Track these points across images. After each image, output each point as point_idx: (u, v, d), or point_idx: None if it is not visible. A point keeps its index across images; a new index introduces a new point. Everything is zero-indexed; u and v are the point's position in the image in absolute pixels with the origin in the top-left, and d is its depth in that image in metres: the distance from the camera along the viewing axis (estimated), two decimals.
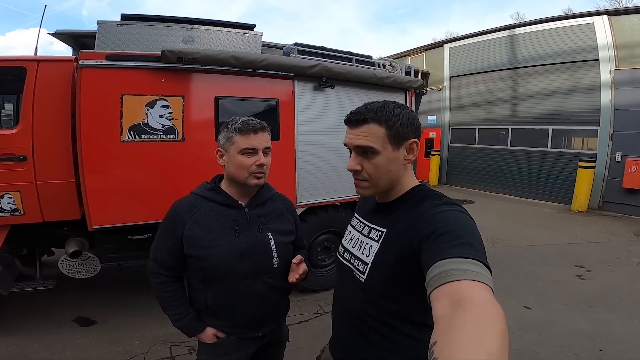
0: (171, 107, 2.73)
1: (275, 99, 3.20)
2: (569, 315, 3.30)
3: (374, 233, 0.99)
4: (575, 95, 8.27)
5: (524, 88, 9.35)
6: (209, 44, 3.15)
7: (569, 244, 5.50)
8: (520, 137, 9.38)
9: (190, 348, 2.82)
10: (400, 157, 0.95)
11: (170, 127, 2.75)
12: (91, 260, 2.92)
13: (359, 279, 0.98)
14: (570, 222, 6.91)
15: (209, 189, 1.32)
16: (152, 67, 2.67)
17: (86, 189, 2.54)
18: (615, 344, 2.83)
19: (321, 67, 3.26)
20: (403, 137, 0.93)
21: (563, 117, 8.48)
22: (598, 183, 7.72)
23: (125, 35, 2.90)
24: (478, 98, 10.46)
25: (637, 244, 5.57)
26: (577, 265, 4.60)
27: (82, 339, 2.91)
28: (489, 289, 0.64)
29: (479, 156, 10.40)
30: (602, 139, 7.78)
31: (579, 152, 8.20)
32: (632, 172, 7.14)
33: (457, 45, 11.02)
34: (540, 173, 8.88)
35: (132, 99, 2.59)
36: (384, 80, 3.70)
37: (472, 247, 0.73)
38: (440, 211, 0.86)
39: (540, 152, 8.92)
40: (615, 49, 7.60)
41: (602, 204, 7.76)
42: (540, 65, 8.88)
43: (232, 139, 1.25)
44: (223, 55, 2.79)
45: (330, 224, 3.74)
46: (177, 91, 2.76)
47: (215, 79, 2.93)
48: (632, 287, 3.92)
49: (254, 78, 3.11)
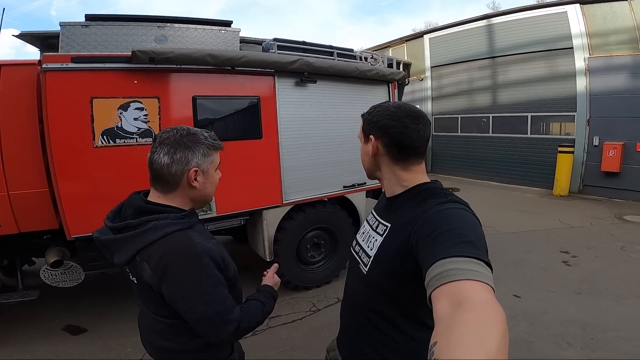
0: (146, 109, 2.61)
1: (257, 96, 3.10)
2: (559, 303, 3.35)
3: (380, 227, 1.02)
4: (552, 82, 8.41)
5: (503, 76, 9.46)
6: (184, 43, 3.01)
7: (553, 229, 5.61)
8: (500, 125, 9.52)
9: None
10: (368, 150, 1.04)
11: (147, 129, 2.63)
12: (74, 269, 2.81)
13: (362, 271, 1.01)
14: (553, 206, 7.06)
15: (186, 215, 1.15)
16: (123, 69, 2.53)
17: (61, 197, 2.40)
18: (606, 332, 2.87)
19: (302, 63, 3.17)
20: (366, 132, 1.06)
21: (541, 103, 8.62)
22: (577, 167, 7.90)
23: (91, 36, 2.74)
24: (459, 87, 10.54)
25: (619, 227, 5.72)
26: (562, 251, 4.69)
27: (74, 347, 2.83)
28: (490, 288, 0.64)
29: (462, 144, 10.51)
30: (580, 124, 7.95)
31: (557, 138, 8.37)
32: (610, 156, 7.33)
33: (436, 35, 11.04)
34: (521, 159, 9.05)
35: (103, 102, 2.46)
36: (366, 73, 3.65)
37: (473, 246, 0.72)
38: (442, 209, 0.86)
39: (520, 139, 9.07)
40: (588, 37, 7.74)
41: (582, 188, 7.95)
42: (517, 54, 8.99)
43: (210, 156, 1.16)
44: (199, 54, 2.67)
45: (318, 220, 3.69)
46: (152, 92, 2.63)
47: (192, 78, 2.81)
48: (617, 272, 4.01)
49: (234, 76, 3.00)
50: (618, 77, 7.36)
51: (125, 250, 1.10)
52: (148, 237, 1.07)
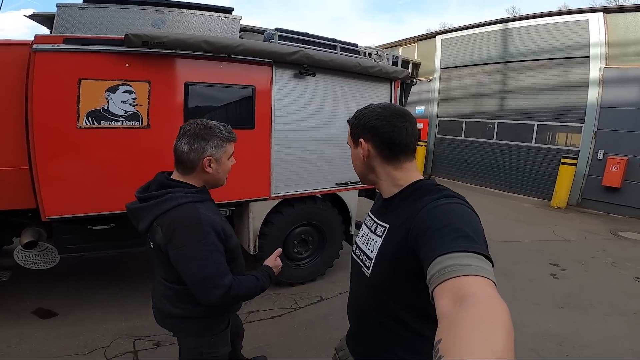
0: (135, 92, 2.56)
1: (252, 86, 3.04)
2: (541, 316, 3.31)
3: (379, 229, 1.02)
4: (562, 91, 8.25)
5: (513, 82, 9.29)
6: (182, 28, 2.96)
7: (546, 241, 5.55)
8: (505, 131, 9.38)
9: (155, 342, 2.73)
10: (359, 154, 1.04)
11: (134, 113, 2.58)
12: (49, 251, 2.76)
13: (365, 275, 1.01)
14: (549, 218, 6.99)
15: (198, 191, 1.39)
16: (115, 52, 2.48)
17: (39, 177, 2.37)
18: (581, 349, 2.84)
19: (302, 54, 3.09)
20: (354, 136, 1.06)
21: (549, 113, 8.48)
22: (578, 180, 7.79)
23: (87, 18, 2.70)
24: (467, 91, 10.38)
25: (613, 242, 5.66)
26: (552, 263, 4.64)
27: (42, 331, 2.79)
28: (491, 283, 0.63)
29: (465, 148, 10.39)
30: (586, 136, 7.82)
31: (562, 149, 8.24)
32: (613, 171, 7.21)
33: (449, 37, 10.83)
34: (522, 168, 8.93)
35: (91, 84, 2.42)
36: (368, 69, 3.56)
37: (471, 240, 0.72)
38: (437, 205, 0.86)
39: (524, 147, 8.94)
40: (607, 47, 7.54)
41: (580, 201, 7.86)
42: (531, 60, 8.79)
43: (224, 147, 1.40)
44: (194, 40, 2.60)
45: (307, 217, 3.64)
46: (143, 76, 2.58)
47: (185, 64, 2.75)
48: (604, 288, 3.97)
49: (230, 64, 2.93)
50: (631, 89, 7.19)
51: (147, 217, 1.35)
52: (164, 206, 1.31)
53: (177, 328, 1.53)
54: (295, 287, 3.73)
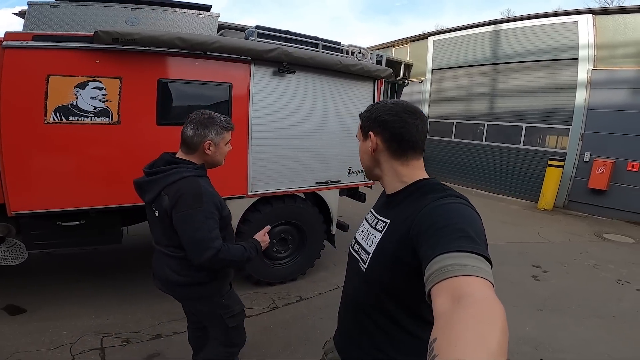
0: (106, 88, 2.55)
1: (229, 83, 3.00)
2: (519, 318, 3.30)
3: (380, 224, 1.02)
4: (551, 93, 8.29)
5: (503, 84, 9.33)
6: (157, 25, 2.95)
7: (530, 243, 5.58)
8: (495, 133, 9.42)
9: (124, 340, 2.69)
10: (367, 147, 1.04)
11: (104, 109, 2.55)
12: (17, 246, 2.72)
13: (362, 269, 1.01)
14: (535, 220, 7.03)
15: (198, 168, 1.66)
16: (85, 48, 2.46)
17: (5, 172, 2.33)
18: (556, 352, 2.82)
19: (280, 52, 3.06)
20: (364, 129, 1.06)
21: (537, 115, 8.52)
22: (565, 182, 7.85)
23: (59, 15, 2.72)
24: (458, 92, 10.41)
25: (596, 245, 5.69)
26: (534, 265, 4.66)
27: (9, 327, 2.75)
28: (489, 284, 0.63)
29: (455, 150, 10.42)
30: (573, 139, 7.87)
31: (549, 151, 8.29)
32: (599, 173, 7.27)
33: (441, 38, 10.85)
34: (511, 169, 8.98)
35: (59, 80, 2.40)
36: (349, 67, 3.54)
37: (472, 241, 0.72)
38: (441, 204, 0.85)
39: (512, 149, 8.99)
40: (595, 49, 7.59)
41: (567, 203, 7.91)
42: (520, 62, 8.83)
43: (222, 134, 1.68)
44: (167, 37, 2.58)
45: (287, 215, 3.61)
46: (114, 73, 2.56)
47: (159, 61, 2.72)
48: (584, 291, 3.98)
49: (206, 61, 2.90)
50: (618, 91, 7.26)
51: (155, 188, 1.62)
52: (171, 178, 1.58)
53: (187, 296, 1.77)
54: (275, 286, 3.69)
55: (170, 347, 2.64)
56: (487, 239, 0.79)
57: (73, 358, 2.44)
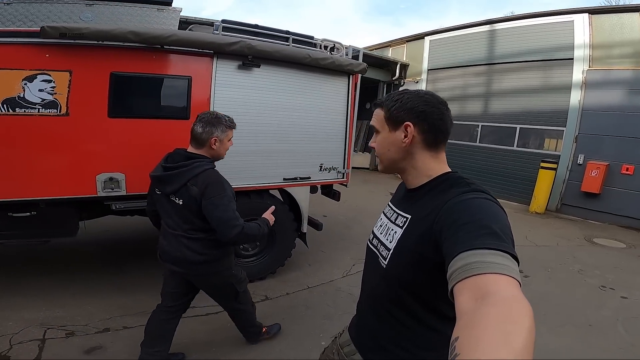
0: (55, 81, 2.52)
1: (188, 77, 2.93)
2: None
3: (400, 219, 1.00)
4: (545, 94, 8.14)
5: (497, 85, 9.20)
6: (115, 21, 2.93)
7: (516, 247, 5.41)
8: (489, 134, 9.29)
9: (68, 332, 2.66)
10: (398, 139, 1.00)
11: (52, 101, 2.53)
12: None
13: (382, 265, 0.99)
14: (525, 223, 6.87)
15: (211, 161, 1.99)
16: (34, 43, 2.44)
17: None
18: None
19: (243, 45, 2.98)
20: (398, 119, 0.99)
21: (531, 116, 8.37)
22: (558, 185, 7.68)
23: (12, 13, 2.71)
24: (453, 93, 10.26)
25: (584, 249, 5.54)
26: None
27: None
28: (516, 282, 0.61)
29: (448, 151, 9.91)
30: (567, 141, 7.71)
31: (542, 153, 8.14)
32: (593, 176, 7.10)
33: (437, 37, 10.73)
34: (504, 171, 8.83)
35: (6, 74, 2.40)
36: (319, 61, 3.44)
37: (497, 237, 0.69)
38: (465, 199, 0.83)
39: (505, 151, 8.84)
40: (591, 49, 7.42)
41: (560, 207, 7.74)
42: (515, 62, 8.70)
43: (226, 132, 1.98)
44: (119, 31, 2.54)
45: (253, 212, 3.44)
46: (64, 66, 2.55)
47: (114, 55, 2.67)
48: (564, 296, 3.85)
49: (165, 54, 2.85)
50: (614, 92, 7.09)
51: (178, 181, 1.89)
52: (194, 170, 1.88)
53: (205, 272, 2.05)
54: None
55: (115, 341, 2.59)
56: None
57: (10, 347, 2.40)
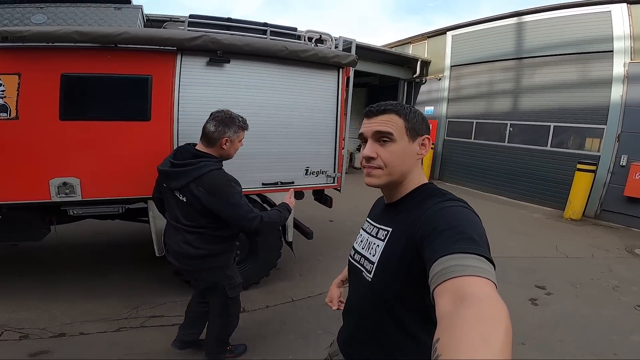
0: (4, 85, 2.44)
1: (148, 76, 2.74)
2: None
3: (381, 233, 1.01)
4: (582, 89, 7.34)
5: (527, 80, 8.44)
6: (69, 22, 2.84)
7: (543, 258, 4.80)
8: (519, 133, 8.52)
9: (22, 335, 2.60)
10: (414, 150, 0.99)
11: (2, 105, 2.45)
12: None
13: (367, 279, 1.00)
14: (557, 231, 6.14)
15: (219, 161, 1.98)
16: None
17: None
18: None
19: (206, 39, 2.75)
20: (418, 131, 0.99)
21: (567, 113, 7.56)
22: (598, 189, 6.83)
23: None
24: (478, 90, 9.60)
25: (624, 261, 4.79)
26: (538, 285, 3.94)
27: None
28: (492, 284, 0.63)
29: (474, 152, 9.58)
30: (608, 140, 6.85)
31: (580, 153, 7.30)
32: (637, 179, 6.23)
33: (460, 32, 10.09)
34: (536, 174, 8.04)
35: None
36: (298, 54, 3.12)
37: (474, 242, 0.72)
38: (442, 208, 0.86)
39: (538, 151, 8.05)
40: (632, 40, 6.63)
41: (599, 213, 6.87)
42: (547, 55, 7.94)
43: (238, 133, 1.99)
44: (63, 32, 2.41)
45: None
46: (12, 69, 2.46)
47: (65, 56, 2.54)
48: (589, 318, 3.26)
49: (121, 53, 2.66)
50: None
51: (183, 178, 1.89)
52: (200, 170, 1.87)
53: (200, 267, 2.02)
54: None
55: (65, 347, 2.51)
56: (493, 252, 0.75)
57: None
